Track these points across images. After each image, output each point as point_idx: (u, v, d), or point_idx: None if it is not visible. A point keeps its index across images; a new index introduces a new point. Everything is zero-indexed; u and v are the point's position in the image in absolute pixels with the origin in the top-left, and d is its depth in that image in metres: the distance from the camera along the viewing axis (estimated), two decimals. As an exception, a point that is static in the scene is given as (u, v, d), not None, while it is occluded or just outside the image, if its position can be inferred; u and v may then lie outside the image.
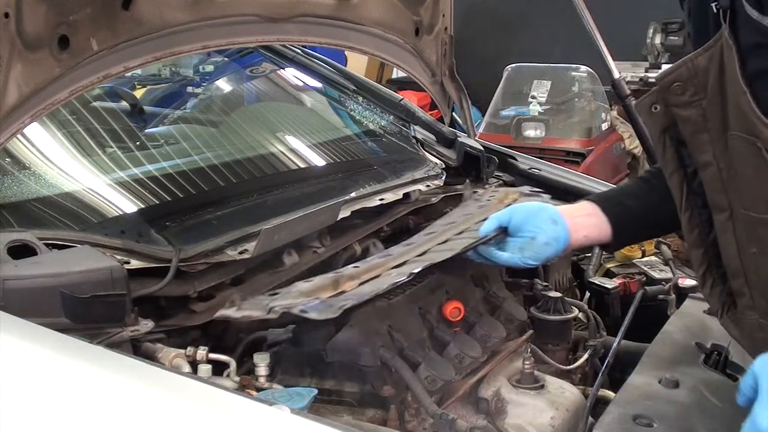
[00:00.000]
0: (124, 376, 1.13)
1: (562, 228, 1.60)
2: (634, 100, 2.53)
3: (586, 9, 2.64)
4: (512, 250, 1.61)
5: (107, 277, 1.35)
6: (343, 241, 2.01)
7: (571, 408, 1.55)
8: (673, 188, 1.41)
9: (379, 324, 1.48)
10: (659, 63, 7.40)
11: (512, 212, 1.64)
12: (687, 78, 1.29)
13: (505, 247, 1.63)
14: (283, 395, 1.28)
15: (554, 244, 1.59)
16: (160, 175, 2.00)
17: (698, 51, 1.28)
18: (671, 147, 1.37)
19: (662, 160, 1.40)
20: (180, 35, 1.72)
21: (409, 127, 2.58)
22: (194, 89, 3.01)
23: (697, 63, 1.28)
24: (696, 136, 1.32)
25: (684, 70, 1.29)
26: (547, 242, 1.59)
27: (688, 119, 1.31)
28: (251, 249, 1.67)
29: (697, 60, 1.28)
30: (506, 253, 1.61)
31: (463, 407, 1.54)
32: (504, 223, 1.63)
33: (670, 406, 1.38)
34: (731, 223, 1.33)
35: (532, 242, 1.59)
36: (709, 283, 1.43)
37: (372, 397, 1.42)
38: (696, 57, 1.28)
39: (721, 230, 1.35)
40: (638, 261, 2.18)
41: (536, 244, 1.58)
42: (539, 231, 1.59)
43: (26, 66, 1.42)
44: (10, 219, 1.59)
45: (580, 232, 1.62)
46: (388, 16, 2.24)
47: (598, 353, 1.82)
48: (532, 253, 1.59)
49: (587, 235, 1.63)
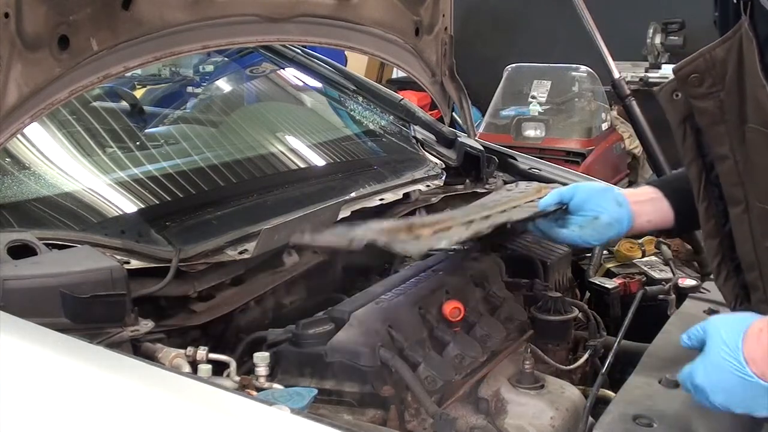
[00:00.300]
0: (124, 376, 1.13)
1: (626, 210, 1.59)
2: (634, 100, 2.52)
3: (586, 9, 2.64)
4: (572, 227, 1.61)
5: (107, 277, 1.35)
6: (343, 241, 2.01)
7: (571, 408, 1.55)
8: (692, 178, 1.40)
9: (379, 324, 1.48)
10: (659, 63, 7.40)
11: (576, 189, 1.63)
12: (704, 69, 1.28)
13: (564, 224, 1.62)
14: (283, 395, 1.28)
15: (617, 226, 1.59)
16: (160, 175, 2.00)
17: (716, 42, 1.27)
18: (691, 136, 1.36)
19: (682, 148, 1.38)
20: (180, 35, 1.72)
21: (409, 127, 2.58)
22: (194, 89, 3.01)
23: (714, 54, 1.26)
24: (713, 127, 1.31)
25: (701, 62, 1.28)
26: (610, 223, 1.58)
27: (705, 111, 1.30)
28: (251, 249, 1.67)
29: (714, 51, 1.27)
30: (566, 229, 1.61)
31: (463, 407, 1.54)
32: (566, 198, 1.63)
33: (670, 406, 1.37)
34: (747, 216, 1.32)
35: (595, 222, 1.58)
36: (723, 275, 1.42)
37: (372, 397, 1.42)
38: (714, 48, 1.27)
39: (737, 223, 1.34)
40: (638, 261, 2.18)
41: (599, 224, 1.58)
42: (603, 211, 1.58)
43: (26, 66, 1.42)
44: (10, 219, 1.59)
45: (644, 217, 1.61)
46: (388, 16, 2.24)
47: (598, 353, 1.82)
48: (593, 232, 1.59)
49: (651, 220, 1.62)
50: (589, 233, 1.59)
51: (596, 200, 1.60)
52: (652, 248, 2.22)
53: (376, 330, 1.47)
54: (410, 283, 1.67)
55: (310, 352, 1.46)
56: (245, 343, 1.57)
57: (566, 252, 2.06)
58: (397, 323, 1.50)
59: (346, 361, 1.43)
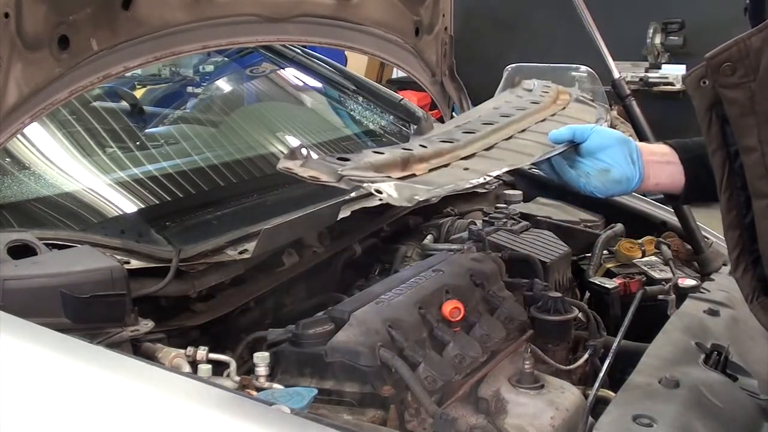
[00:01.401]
0: (124, 376, 1.13)
1: (637, 170, 1.54)
2: (634, 100, 2.52)
3: (586, 9, 2.64)
4: (579, 171, 1.55)
5: (107, 277, 1.35)
6: (343, 241, 2.01)
7: (571, 408, 1.55)
8: (715, 167, 1.36)
9: (379, 324, 1.48)
10: (659, 63, 7.41)
11: (592, 132, 1.56)
12: (738, 59, 1.25)
13: (572, 164, 1.56)
14: (283, 395, 1.28)
15: (624, 184, 1.54)
16: (160, 175, 2.00)
17: (752, 31, 1.24)
18: (716, 124, 1.32)
19: (707, 136, 1.34)
20: (180, 35, 1.72)
21: (409, 127, 2.58)
22: (194, 89, 3.02)
23: (750, 44, 1.23)
24: (742, 118, 1.28)
25: (735, 51, 1.25)
26: (619, 180, 1.54)
27: (735, 101, 1.27)
28: (251, 249, 1.67)
29: (750, 40, 1.23)
30: (574, 171, 1.56)
31: (463, 407, 1.54)
32: (579, 138, 1.56)
33: (670, 406, 1.37)
34: None
35: (604, 174, 1.53)
36: (741, 268, 1.38)
37: (372, 397, 1.42)
38: (749, 37, 1.23)
39: (761, 217, 1.31)
40: (638, 261, 2.18)
41: (608, 178, 1.53)
42: (615, 165, 1.54)
43: (26, 66, 1.42)
44: (10, 219, 1.59)
45: (652, 179, 1.56)
46: (388, 16, 2.24)
47: (598, 353, 1.82)
48: (600, 185, 1.54)
49: (659, 183, 1.57)
50: (595, 184, 1.54)
51: (611, 152, 1.54)
52: (652, 248, 2.22)
53: (376, 330, 1.47)
54: (410, 283, 1.67)
55: (310, 352, 1.46)
56: (245, 343, 1.57)
57: (566, 252, 2.06)
58: (397, 323, 1.50)
59: (346, 361, 1.43)
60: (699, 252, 2.24)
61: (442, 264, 1.78)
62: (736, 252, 1.37)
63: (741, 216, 1.35)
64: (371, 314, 1.51)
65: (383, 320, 1.49)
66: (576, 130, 1.58)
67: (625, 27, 6.67)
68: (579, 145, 1.57)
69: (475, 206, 2.41)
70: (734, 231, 1.37)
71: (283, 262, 1.80)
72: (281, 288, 1.81)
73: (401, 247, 2.12)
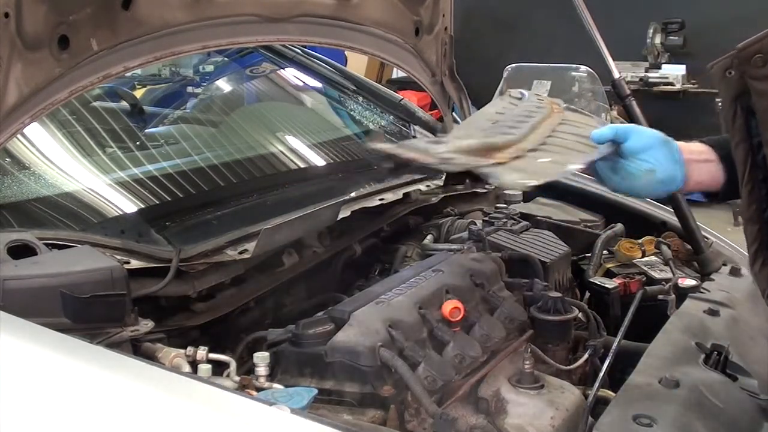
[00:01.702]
0: (124, 376, 1.13)
1: (680, 169, 1.49)
2: (634, 100, 2.52)
3: (586, 9, 2.63)
4: (623, 175, 1.50)
5: (107, 277, 1.35)
6: (343, 241, 2.01)
7: (571, 408, 1.55)
8: (738, 159, 1.34)
9: (379, 324, 1.48)
10: (659, 63, 7.41)
11: (632, 132, 1.51)
12: None
13: (615, 167, 1.51)
14: (283, 395, 1.28)
15: (669, 185, 1.49)
16: (160, 175, 2.00)
17: None
18: (741, 116, 1.31)
19: (731, 128, 1.33)
20: (180, 35, 1.72)
21: (409, 127, 2.58)
22: (194, 89, 3.02)
23: None
24: None
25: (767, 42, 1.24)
26: (663, 180, 1.48)
27: (764, 93, 1.26)
28: (251, 249, 1.67)
29: None
30: (617, 176, 1.51)
31: (463, 407, 1.54)
32: (620, 138, 1.50)
33: (670, 406, 1.37)
34: None
35: (649, 175, 1.48)
36: (759, 262, 1.36)
37: (372, 397, 1.42)
38: None
39: None
40: (638, 261, 2.18)
41: (653, 179, 1.48)
42: (659, 165, 1.48)
43: (26, 66, 1.42)
44: (10, 219, 1.59)
45: (694, 178, 1.51)
46: (388, 16, 2.24)
47: (598, 353, 1.82)
48: (645, 186, 1.50)
49: (701, 181, 1.52)
50: (640, 186, 1.49)
51: (654, 151, 1.48)
52: (652, 248, 2.22)
53: (376, 330, 1.47)
54: (410, 283, 1.67)
55: (310, 352, 1.46)
56: (245, 343, 1.57)
57: (566, 252, 2.06)
58: (397, 323, 1.50)
59: (346, 361, 1.43)
60: (699, 252, 2.24)
61: (442, 264, 1.78)
62: (755, 246, 1.36)
63: (761, 210, 1.33)
64: (371, 314, 1.51)
65: (383, 320, 1.49)
66: (618, 130, 1.52)
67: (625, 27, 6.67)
68: (619, 146, 1.52)
69: (475, 206, 2.41)
70: (754, 225, 1.35)
71: (283, 262, 1.81)
72: (281, 288, 1.81)
73: (401, 247, 2.12)
